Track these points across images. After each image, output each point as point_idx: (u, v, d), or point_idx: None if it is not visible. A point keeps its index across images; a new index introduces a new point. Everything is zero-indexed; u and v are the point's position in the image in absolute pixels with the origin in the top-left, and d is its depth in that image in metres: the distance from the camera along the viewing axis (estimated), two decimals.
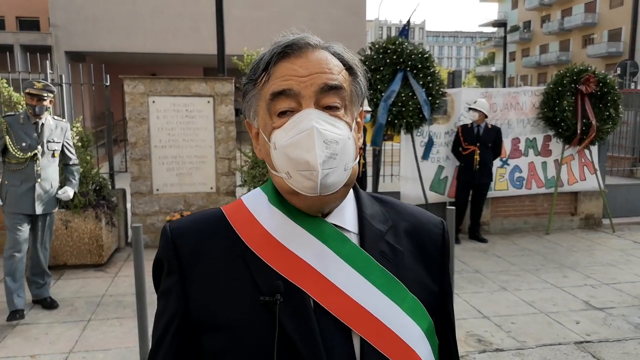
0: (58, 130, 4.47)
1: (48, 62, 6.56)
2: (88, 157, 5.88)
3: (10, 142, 4.20)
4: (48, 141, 4.35)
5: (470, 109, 6.81)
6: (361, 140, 0.90)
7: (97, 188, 5.97)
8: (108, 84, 6.78)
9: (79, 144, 5.84)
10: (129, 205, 6.74)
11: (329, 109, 0.83)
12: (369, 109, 6.25)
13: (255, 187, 6.51)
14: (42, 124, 4.33)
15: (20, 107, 5.72)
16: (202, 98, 6.53)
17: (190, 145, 6.54)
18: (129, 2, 17.16)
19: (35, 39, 22.25)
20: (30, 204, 4.26)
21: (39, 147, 4.28)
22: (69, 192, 4.62)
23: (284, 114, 0.83)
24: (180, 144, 6.52)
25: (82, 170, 5.66)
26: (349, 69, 0.88)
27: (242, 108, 0.92)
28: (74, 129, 5.89)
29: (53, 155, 4.43)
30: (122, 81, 6.40)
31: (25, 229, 4.30)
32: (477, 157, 6.68)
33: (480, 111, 6.66)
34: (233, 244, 0.86)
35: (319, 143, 0.78)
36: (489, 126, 6.81)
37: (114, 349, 3.78)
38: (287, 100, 0.82)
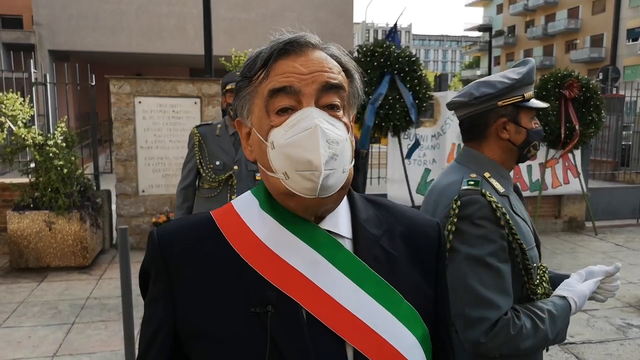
0: None
1: (32, 61, 6.47)
2: (72, 158, 5.80)
3: (201, 161, 3.20)
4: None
5: None
6: (353, 143, 0.88)
7: (82, 189, 5.90)
8: (93, 83, 6.72)
9: (63, 144, 5.76)
10: (114, 207, 6.67)
11: (329, 108, 0.81)
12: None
13: None
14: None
15: (3, 106, 5.63)
16: (189, 99, 6.49)
17: (177, 147, 6.50)
18: (113, 0, 17.00)
19: (18, 37, 21.94)
20: None
21: (235, 166, 3.16)
22: None
23: (283, 112, 0.80)
24: (167, 145, 6.48)
25: (66, 171, 5.58)
26: (346, 71, 0.86)
27: (233, 106, 0.87)
28: (58, 129, 5.81)
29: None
30: (107, 81, 6.33)
31: None
32: None
33: None
34: (223, 251, 0.83)
35: (323, 142, 0.76)
36: None
37: (98, 352, 3.73)
38: (287, 98, 0.79)
